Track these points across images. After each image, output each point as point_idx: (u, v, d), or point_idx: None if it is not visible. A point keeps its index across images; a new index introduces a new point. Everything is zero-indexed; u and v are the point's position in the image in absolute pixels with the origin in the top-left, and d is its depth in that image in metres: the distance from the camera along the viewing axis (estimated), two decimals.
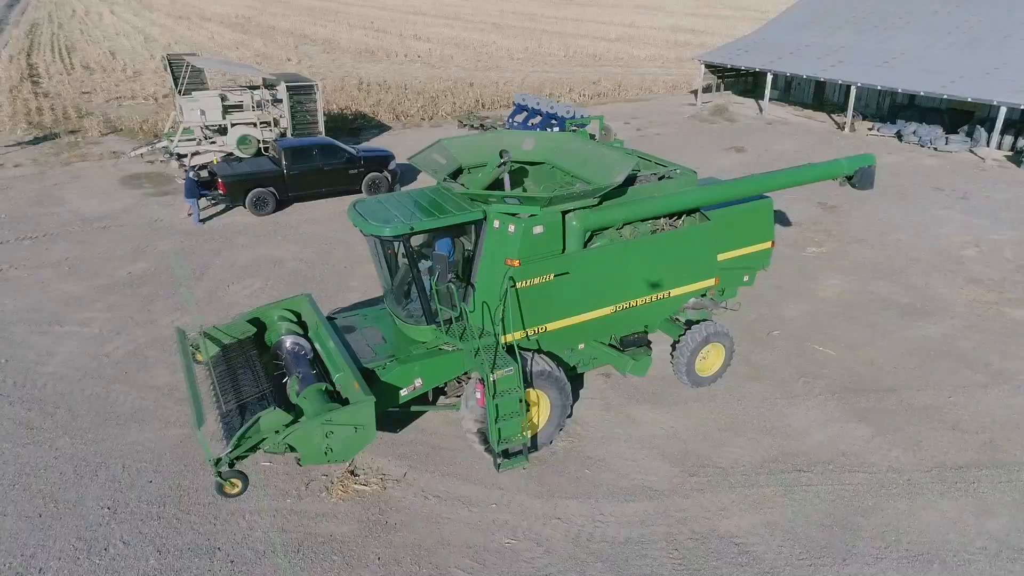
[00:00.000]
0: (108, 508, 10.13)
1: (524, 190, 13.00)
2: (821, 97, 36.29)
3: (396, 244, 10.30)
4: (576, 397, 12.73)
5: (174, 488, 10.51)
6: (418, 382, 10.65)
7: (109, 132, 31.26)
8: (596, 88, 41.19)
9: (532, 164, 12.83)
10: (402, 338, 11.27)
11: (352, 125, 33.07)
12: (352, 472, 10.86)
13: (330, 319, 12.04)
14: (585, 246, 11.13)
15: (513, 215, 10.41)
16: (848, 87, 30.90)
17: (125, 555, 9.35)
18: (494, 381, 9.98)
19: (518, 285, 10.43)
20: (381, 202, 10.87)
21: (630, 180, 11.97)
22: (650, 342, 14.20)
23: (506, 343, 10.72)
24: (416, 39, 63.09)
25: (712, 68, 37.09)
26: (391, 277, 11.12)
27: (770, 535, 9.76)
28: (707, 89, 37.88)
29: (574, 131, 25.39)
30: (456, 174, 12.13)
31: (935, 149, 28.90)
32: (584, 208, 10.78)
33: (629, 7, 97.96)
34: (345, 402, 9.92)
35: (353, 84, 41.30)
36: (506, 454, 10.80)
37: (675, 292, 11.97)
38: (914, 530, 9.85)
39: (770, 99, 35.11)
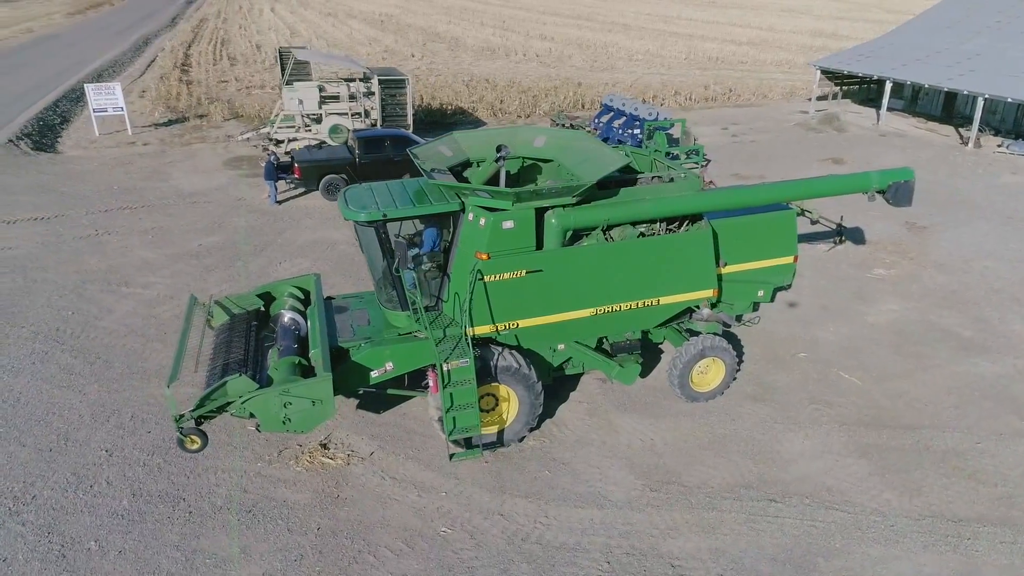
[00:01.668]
0: (106, 451, 11.22)
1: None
2: (951, 109, 33.06)
3: (373, 230, 10.60)
4: (564, 399, 12.57)
5: (166, 440, 11.46)
6: (389, 365, 10.91)
7: (231, 118, 34.01)
8: (706, 92, 39.80)
9: (544, 161, 12.74)
10: (383, 322, 11.60)
11: (449, 120, 34.00)
12: (324, 445, 11.35)
13: (329, 299, 12.61)
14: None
15: (489, 209, 10.45)
16: (976, 98, 27.98)
17: (105, 493, 10.34)
18: (448, 371, 10.11)
19: (487, 279, 10.46)
20: (370, 189, 11.26)
21: (629, 181, 11.66)
22: (660, 350, 13.81)
23: (475, 335, 10.79)
24: (541, 39, 63.58)
25: (829, 74, 34.76)
26: (378, 262, 11.46)
27: (712, 562, 9.23)
28: (823, 97, 35.57)
29: (651, 133, 24.88)
30: (465, 167, 12.30)
31: None
32: (563, 206, 10.62)
33: (774, 10, 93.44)
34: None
35: (461, 80, 42.34)
36: (469, 444, 10.92)
37: (664, 300, 11.50)
38: None
39: (889, 109, 32.42)
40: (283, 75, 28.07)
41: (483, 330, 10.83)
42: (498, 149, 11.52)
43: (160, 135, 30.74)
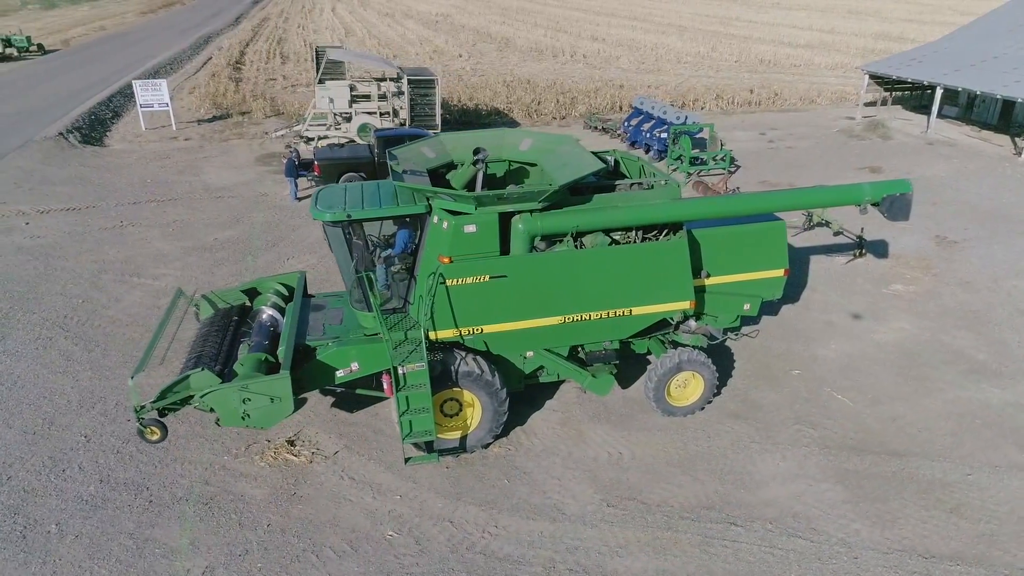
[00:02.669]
0: (85, 437, 11.58)
1: None
2: (1008, 117, 31.24)
3: (339, 230, 10.61)
4: (539, 406, 12.37)
5: None
6: (354, 366, 10.90)
7: (272, 115, 34.83)
8: (749, 96, 38.71)
9: (531, 165, 12.58)
10: (355, 322, 11.62)
11: (484, 120, 34.02)
12: (291, 441, 11.45)
13: (310, 296, 12.72)
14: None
15: (453, 212, 10.35)
16: None
17: (75, 478, 10.67)
18: (403, 374, 10.05)
19: (449, 282, 10.36)
20: (343, 189, 11.27)
21: (605, 188, 11.38)
22: (647, 360, 13.45)
23: (440, 339, 10.72)
24: (592, 40, 63.05)
25: (878, 79, 33.32)
26: (345, 262, 11.48)
27: None
28: (872, 103, 34.12)
29: (676, 136, 24.34)
30: (449, 169, 12.23)
31: None
32: (531, 211, 10.43)
33: (840, 11, 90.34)
34: None
35: (503, 81, 42.29)
36: (429, 447, 10.85)
37: (637, 311, 11.16)
38: None
39: (943, 116, 30.86)
40: (316, 74, 28.65)
41: (446, 334, 10.73)
42: (475, 152, 11.41)
43: (202, 131, 31.71)
